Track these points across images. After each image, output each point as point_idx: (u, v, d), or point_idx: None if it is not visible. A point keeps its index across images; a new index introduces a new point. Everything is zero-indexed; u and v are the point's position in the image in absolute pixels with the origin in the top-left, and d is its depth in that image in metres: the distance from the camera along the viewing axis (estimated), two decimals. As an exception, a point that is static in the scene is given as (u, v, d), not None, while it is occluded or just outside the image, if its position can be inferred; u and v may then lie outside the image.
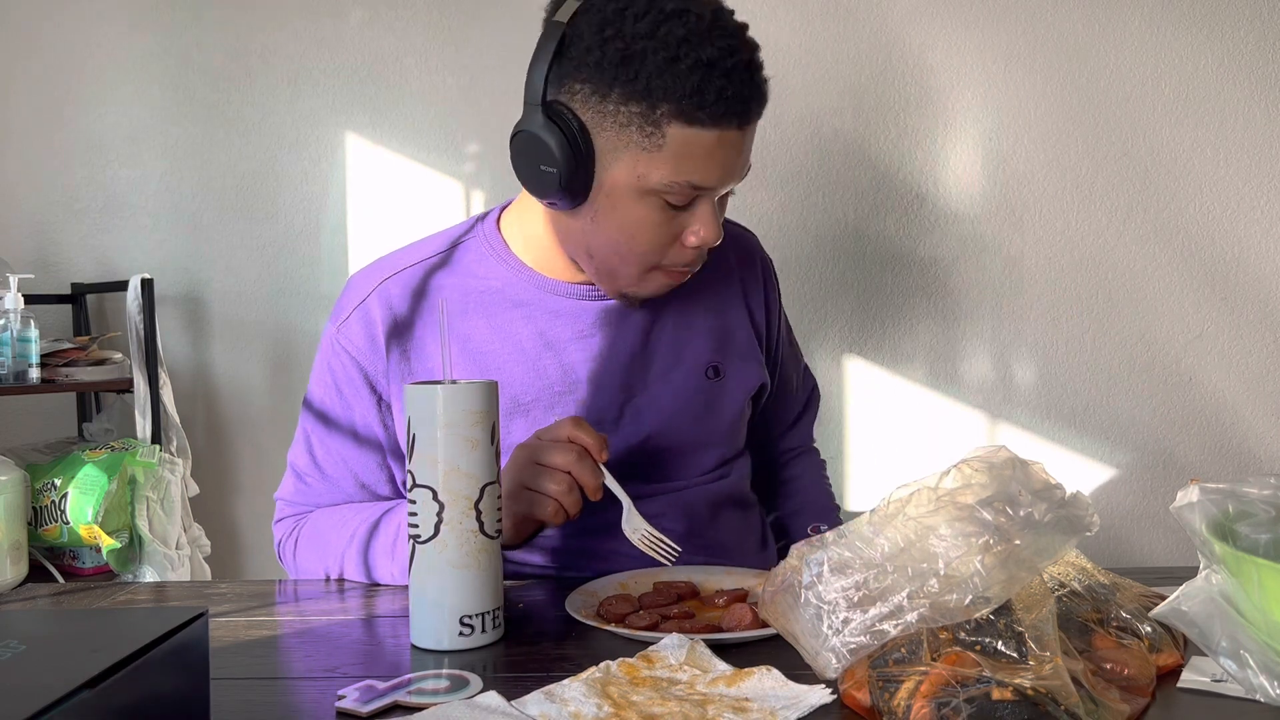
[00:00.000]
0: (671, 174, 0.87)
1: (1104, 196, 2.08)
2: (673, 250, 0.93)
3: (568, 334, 1.01)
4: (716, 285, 1.09)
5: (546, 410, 1.00)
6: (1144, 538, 2.13)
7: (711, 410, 1.06)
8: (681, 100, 0.84)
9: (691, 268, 0.96)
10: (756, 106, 0.89)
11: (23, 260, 2.09)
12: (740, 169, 0.91)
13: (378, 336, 0.99)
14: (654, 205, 0.90)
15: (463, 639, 0.75)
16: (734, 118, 0.86)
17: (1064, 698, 0.54)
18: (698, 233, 0.91)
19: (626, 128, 0.87)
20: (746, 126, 0.89)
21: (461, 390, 0.74)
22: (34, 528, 1.85)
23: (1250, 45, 2.06)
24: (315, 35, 2.11)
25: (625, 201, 0.90)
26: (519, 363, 1.00)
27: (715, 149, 0.87)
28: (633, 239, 0.92)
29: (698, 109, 0.85)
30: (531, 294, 1.01)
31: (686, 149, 0.86)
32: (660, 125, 0.86)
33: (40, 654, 0.51)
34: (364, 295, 1.01)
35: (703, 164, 0.87)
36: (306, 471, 1.04)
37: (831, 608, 0.62)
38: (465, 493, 0.74)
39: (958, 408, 2.12)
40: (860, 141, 2.09)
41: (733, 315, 1.09)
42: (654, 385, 1.03)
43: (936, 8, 2.07)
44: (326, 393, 1.03)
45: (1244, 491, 0.66)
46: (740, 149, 0.89)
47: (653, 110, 0.85)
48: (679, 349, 1.05)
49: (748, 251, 1.13)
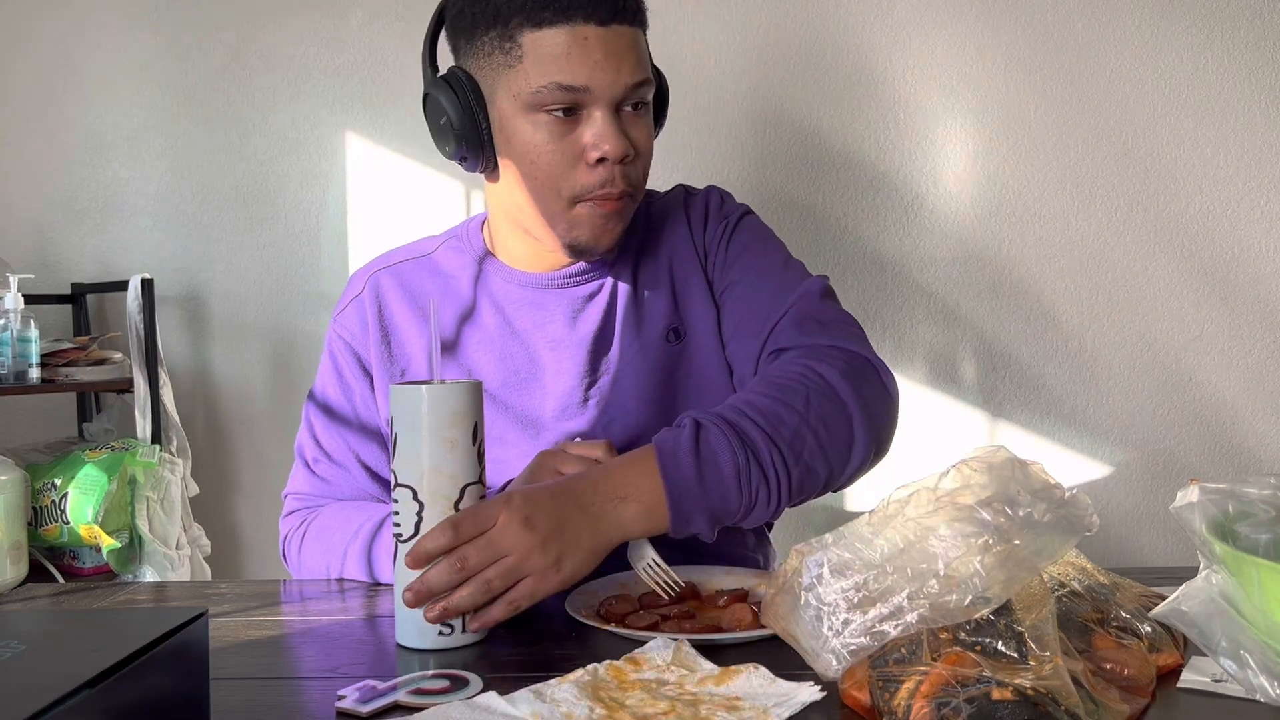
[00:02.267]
0: (537, 78, 0.90)
1: (1104, 196, 2.08)
2: (581, 172, 0.93)
3: (531, 322, 1.03)
4: (670, 244, 1.06)
5: (514, 395, 1.02)
6: (1144, 538, 2.13)
7: (676, 376, 1.03)
8: (526, 7, 0.89)
9: (612, 192, 0.94)
10: (608, 2, 0.90)
11: (23, 260, 2.09)
12: (620, 74, 0.91)
13: (368, 321, 1.05)
14: (541, 123, 0.92)
15: (443, 638, 0.75)
16: (579, 11, 0.89)
17: (1064, 698, 0.54)
18: (598, 146, 0.92)
19: (492, 55, 0.92)
20: (606, 24, 0.90)
21: (443, 390, 0.75)
22: (34, 528, 1.85)
23: (1250, 45, 2.06)
24: (315, 35, 2.11)
25: (515, 128, 0.93)
26: (486, 351, 1.03)
27: (572, 46, 0.89)
28: (535, 165, 0.93)
29: (541, 10, 0.89)
30: (498, 285, 1.05)
31: (542, 51, 0.90)
32: (514, 38, 0.90)
33: (40, 654, 0.51)
34: (360, 287, 1.08)
35: (564, 63, 0.89)
36: (315, 458, 1.07)
37: (831, 609, 0.62)
38: (445, 493, 0.75)
39: (958, 408, 2.12)
40: (860, 141, 2.09)
41: (684, 268, 1.05)
42: (616, 361, 1.03)
43: (936, 8, 2.07)
44: (329, 380, 1.08)
45: (1244, 491, 0.66)
46: (609, 48, 0.90)
47: (506, 27, 0.91)
48: (638, 322, 1.03)
49: (694, 198, 1.08)
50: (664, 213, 1.08)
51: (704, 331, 1.03)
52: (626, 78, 0.91)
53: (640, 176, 0.97)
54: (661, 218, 1.07)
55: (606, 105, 0.91)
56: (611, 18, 0.90)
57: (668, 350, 1.03)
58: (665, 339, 1.03)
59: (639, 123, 0.95)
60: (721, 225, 1.05)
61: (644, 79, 0.93)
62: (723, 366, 1.03)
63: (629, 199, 0.96)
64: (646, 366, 1.02)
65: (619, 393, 1.02)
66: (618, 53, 0.91)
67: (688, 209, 1.07)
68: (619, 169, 0.93)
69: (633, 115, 0.94)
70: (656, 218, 1.07)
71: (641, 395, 1.02)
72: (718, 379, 1.03)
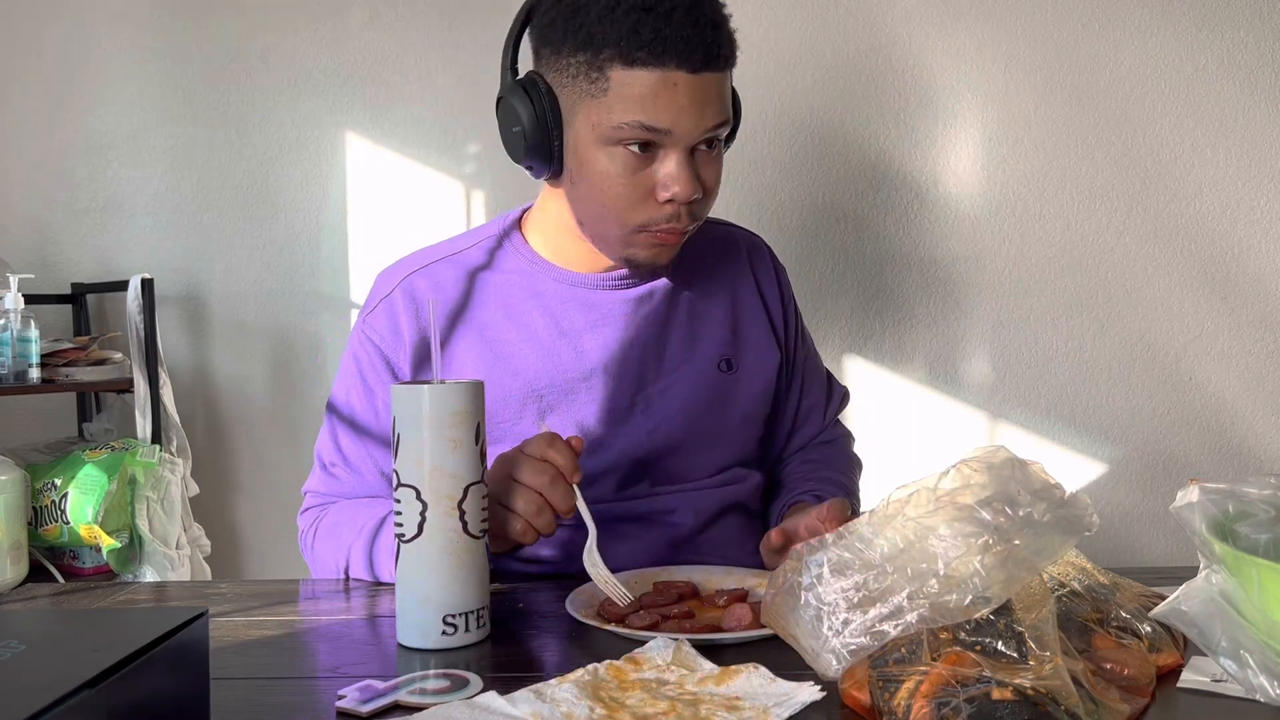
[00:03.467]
0: (620, 115, 0.90)
1: (1104, 196, 2.08)
2: (649, 207, 0.94)
3: (582, 323, 1.03)
4: (731, 278, 1.11)
5: (561, 396, 1.02)
6: (1144, 538, 2.13)
7: (723, 403, 1.07)
8: (620, 43, 0.88)
9: (676, 227, 0.95)
10: (702, 49, 0.89)
11: (23, 260, 2.09)
12: (701, 119, 0.91)
13: (401, 326, 1.03)
14: (617, 156, 0.92)
15: (446, 638, 0.75)
16: (673, 57, 0.88)
17: (1064, 698, 0.54)
18: (669, 186, 0.92)
19: (577, 79, 0.91)
20: (697, 71, 0.89)
21: (445, 390, 0.75)
22: (34, 528, 1.85)
23: (1250, 45, 2.06)
24: (315, 35, 2.11)
25: (591, 155, 0.93)
26: (534, 350, 1.02)
27: (660, 90, 0.89)
28: (604, 194, 0.93)
29: (635, 49, 0.88)
30: (547, 284, 1.04)
31: (630, 90, 0.89)
32: (604, 70, 0.89)
33: (40, 654, 0.51)
34: (390, 289, 1.05)
35: (650, 104, 0.89)
36: (332, 461, 1.06)
37: (831, 609, 0.62)
38: (448, 492, 0.75)
39: (958, 408, 2.12)
40: (860, 141, 2.09)
41: (747, 309, 1.11)
42: (666, 376, 1.05)
43: (936, 8, 2.07)
44: (352, 384, 1.06)
45: (1244, 491, 0.66)
46: (695, 95, 0.90)
47: (596, 56, 0.89)
48: (693, 341, 1.06)
49: (760, 250, 1.16)
50: (725, 246, 1.13)
51: (756, 371, 1.09)
52: (708, 123, 0.92)
53: (705, 212, 0.99)
54: (723, 249, 1.12)
55: (684, 147, 0.92)
56: (704, 65, 0.90)
57: (720, 377, 1.07)
58: (718, 367, 1.07)
59: (711, 163, 0.96)
60: (783, 290, 1.16)
61: (724, 120, 0.94)
62: (763, 405, 1.11)
63: (692, 230, 0.98)
64: (698, 386, 1.05)
65: (666, 405, 1.04)
66: (703, 100, 0.91)
67: (751, 258, 1.14)
68: (685, 207, 0.94)
69: (706, 154, 0.95)
70: (718, 246, 1.12)
71: (688, 413, 1.04)
72: (757, 414, 1.11)
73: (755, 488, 1.11)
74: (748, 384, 1.09)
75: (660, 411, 1.04)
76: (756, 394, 1.10)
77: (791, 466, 1.17)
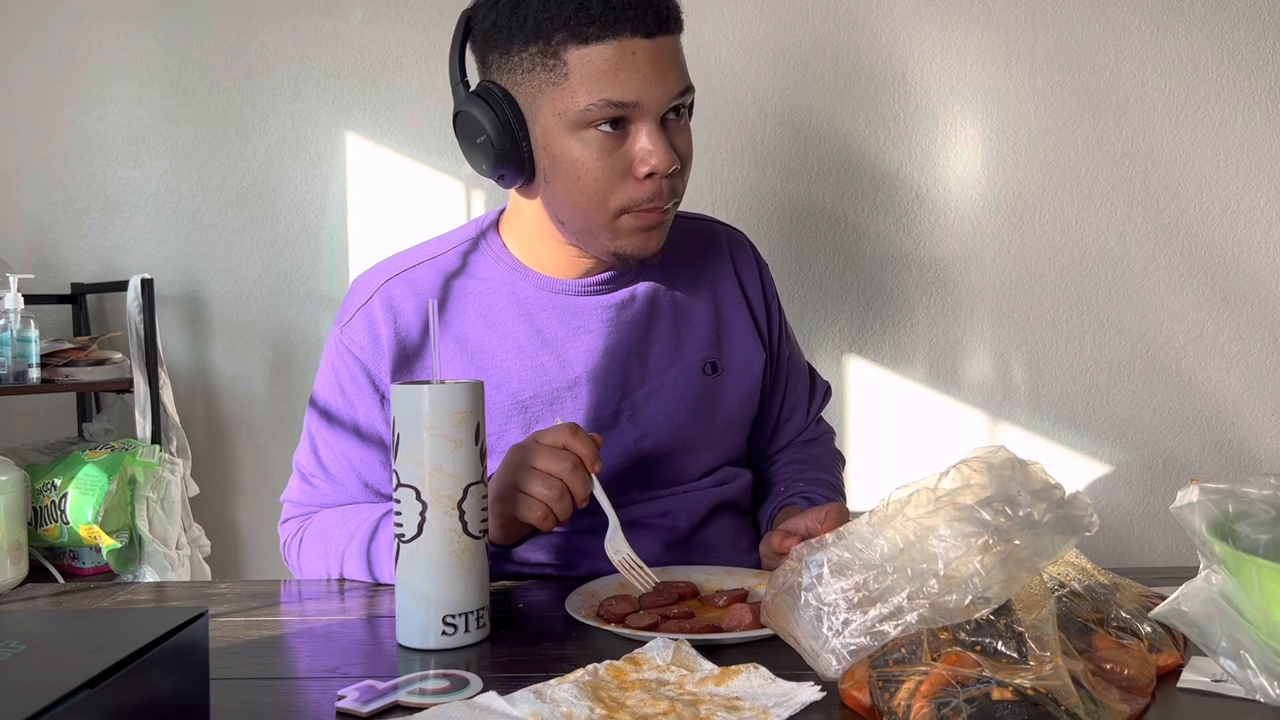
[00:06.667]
0: (585, 96, 0.88)
1: (1104, 196, 2.08)
2: (629, 186, 0.92)
3: (564, 331, 1.01)
4: (713, 276, 1.09)
5: (545, 406, 1.00)
6: (1144, 538, 2.13)
7: (709, 407, 1.06)
8: (570, 22, 0.87)
9: (658, 204, 0.94)
10: (653, 11, 0.88)
11: (23, 260, 2.09)
12: (666, 84, 0.90)
13: (380, 336, 1.00)
14: (589, 139, 0.90)
15: (446, 638, 0.75)
16: (627, 24, 0.87)
17: (1064, 698, 0.54)
18: (646, 160, 0.91)
19: (534, 71, 0.90)
20: (652, 36, 0.88)
21: (445, 390, 0.75)
22: (34, 528, 1.85)
23: (1250, 45, 2.06)
24: (315, 35, 2.11)
25: (562, 145, 0.91)
26: (517, 360, 1.00)
27: (620, 61, 0.88)
28: (582, 181, 0.92)
29: (587, 25, 0.87)
30: (528, 292, 1.02)
31: (590, 68, 0.88)
32: (559, 54, 0.88)
33: (40, 654, 0.51)
34: (367, 296, 1.02)
35: (612, 79, 0.88)
36: (311, 472, 1.05)
37: (831, 609, 0.62)
38: (448, 493, 0.75)
39: (958, 408, 2.12)
40: (860, 141, 2.09)
41: (730, 307, 1.09)
42: (651, 381, 1.04)
43: (936, 8, 2.07)
44: (330, 393, 1.03)
45: (1244, 491, 0.66)
46: (656, 61, 0.89)
47: (549, 43, 0.88)
48: (677, 345, 1.05)
49: (741, 246, 1.15)
50: (707, 243, 1.11)
51: (742, 372, 1.08)
52: (673, 88, 0.91)
53: (684, 185, 0.97)
54: (704, 245, 1.11)
55: (654, 118, 0.90)
56: (658, 29, 0.89)
57: (705, 380, 1.06)
58: (703, 370, 1.06)
59: (683, 131, 0.95)
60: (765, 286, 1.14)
61: (688, 87, 0.93)
62: (749, 406, 1.10)
63: (673, 208, 0.97)
64: (684, 390, 1.04)
65: (652, 411, 1.03)
66: (664, 64, 0.90)
67: (734, 254, 1.12)
68: (666, 181, 0.93)
69: (676, 123, 0.94)
70: (693, 246, 1.10)
71: (674, 417, 1.04)
72: (743, 415, 1.10)
73: (746, 486, 1.10)
74: (734, 386, 1.07)
75: (647, 418, 1.03)
76: (743, 395, 1.09)
77: (778, 466, 1.16)
